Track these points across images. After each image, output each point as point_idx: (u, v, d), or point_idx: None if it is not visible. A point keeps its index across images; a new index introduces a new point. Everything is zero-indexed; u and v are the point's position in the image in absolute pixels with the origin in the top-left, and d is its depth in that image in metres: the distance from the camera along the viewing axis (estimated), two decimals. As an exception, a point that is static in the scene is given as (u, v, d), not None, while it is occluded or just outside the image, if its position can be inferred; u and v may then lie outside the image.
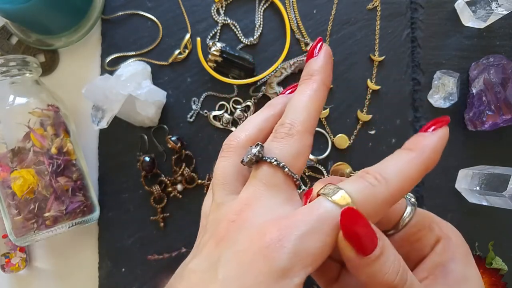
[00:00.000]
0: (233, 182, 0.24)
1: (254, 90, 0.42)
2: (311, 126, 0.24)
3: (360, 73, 0.42)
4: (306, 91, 0.25)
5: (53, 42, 0.42)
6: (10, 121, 0.36)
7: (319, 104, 0.25)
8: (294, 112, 0.24)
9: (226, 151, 0.26)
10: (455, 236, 0.24)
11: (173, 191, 0.41)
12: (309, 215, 0.20)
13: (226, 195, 0.23)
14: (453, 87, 0.40)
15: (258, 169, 0.23)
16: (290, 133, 0.23)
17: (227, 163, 0.25)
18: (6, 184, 0.35)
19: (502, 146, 0.41)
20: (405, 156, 0.22)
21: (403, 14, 0.42)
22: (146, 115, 0.40)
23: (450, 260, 0.23)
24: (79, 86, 0.41)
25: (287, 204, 0.22)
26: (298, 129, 0.23)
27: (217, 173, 0.25)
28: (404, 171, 0.21)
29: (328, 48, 0.27)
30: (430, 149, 0.23)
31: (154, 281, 0.41)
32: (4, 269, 0.41)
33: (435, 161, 0.22)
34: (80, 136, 0.41)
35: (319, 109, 0.25)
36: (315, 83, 0.25)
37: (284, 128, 0.24)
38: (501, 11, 0.38)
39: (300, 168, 0.24)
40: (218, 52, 0.40)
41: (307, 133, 0.24)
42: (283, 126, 0.24)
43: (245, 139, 0.26)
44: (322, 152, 0.42)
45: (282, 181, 0.22)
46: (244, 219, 0.21)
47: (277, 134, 0.24)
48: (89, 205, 0.38)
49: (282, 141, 0.23)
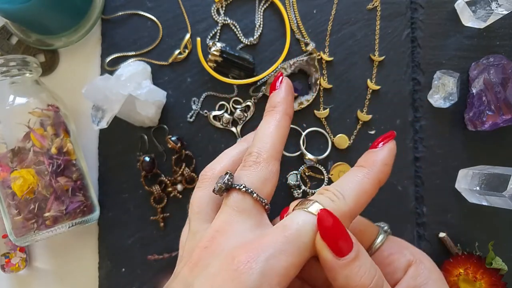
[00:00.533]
0: (208, 211, 0.26)
1: (254, 90, 0.42)
2: (277, 153, 0.26)
3: (360, 73, 0.42)
4: (270, 122, 0.27)
5: (53, 42, 0.42)
6: (10, 121, 0.36)
7: (283, 132, 0.27)
8: (260, 142, 0.26)
9: (201, 181, 0.28)
10: (427, 260, 0.26)
11: (173, 191, 0.41)
12: (277, 237, 0.21)
13: (201, 224, 0.25)
14: (453, 87, 0.40)
15: (229, 196, 0.24)
16: (257, 161, 0.25)
17: (202, 193, 0.27)
18: (6, 184, 0.35)
19: (502, 146, 0.41)
20: (358, 172, 0.24)
21: (403, 14, 0.42)
22: (146, 115, 0.40)
23: (424, 284, 0.24)
24: (79, 86, 0.41)
25: (257, 228, 0.23)
26: (264, 157, 0.25)
27: (192, 203, 0.27)
28: (358, 187, 0.23)
29: (289, 81, 0.30)
30: (380, 163, 0.24)
31: (154, 281, 0.41)
32: (4, 269, 0.41)
33: (386, 173, 0.24)
34: (80, 136, 0.41)
35: (283, 137, 0.27)
36: (278, 114, 0.28)
37: (251, 157, 0.25)
38: (501, 11, 0.38)
39: (268, 193, 0.25)
40: (218, 52, 0.40)
41: (273, 160, 0.26)
42: (251, 155, 0.26)
43: (219, 171, 0.28)
44: (322, 152, 0.42)
45: (252, 206, 0.24)
46: (216, 245, 0.22)
47: (246, 163, 0.26)
48: (89, 205, 0.38)
49: (250, 168, 0.25)
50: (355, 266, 0.21)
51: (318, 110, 0.42)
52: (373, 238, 0.27)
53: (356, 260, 0.21)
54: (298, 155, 0.42)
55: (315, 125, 0.42)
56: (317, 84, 0.42)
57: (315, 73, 0.42)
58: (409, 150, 0.42)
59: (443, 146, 0.42)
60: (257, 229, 0.23)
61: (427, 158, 0.41)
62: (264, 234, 0.21)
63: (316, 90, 0.42)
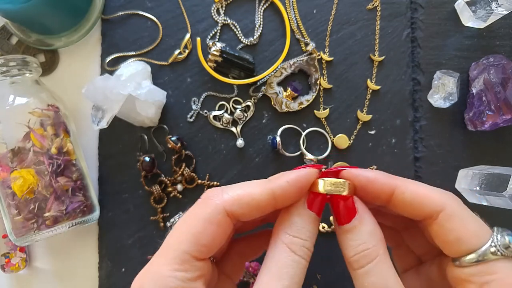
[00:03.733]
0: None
1: (254, 90, 0.42)
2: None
3: (360, 73, 0.42)
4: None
5: (53, 42, 0.42)
6: (10, 121, 0.36)
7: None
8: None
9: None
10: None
11: (173, 191, 0.41)
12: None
13: None
14: (453, 87, 0.40)
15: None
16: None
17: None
18: (6, 184, 0.35)
19: (502, 146, 0.41)
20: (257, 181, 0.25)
21: (403, 14, 0.42)
22: (146, 115, 0.40)
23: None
24: (79, 86, 0.41)
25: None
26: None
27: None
28: (248, 188, 0.24)
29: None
30: (284, 178, 0.24)
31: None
32: (4, 269, 0.41)
33: (285, 190, 0.24)
34: (80, 136, 0.41)
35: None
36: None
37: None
38: (501, 11, 0.38)
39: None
40: (218, 52, 0.40)
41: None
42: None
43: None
44: (322, 152, 0.42)
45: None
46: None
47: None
48: (89, 205, 0.38)
49: None
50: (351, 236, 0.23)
51: (318, 110, 0.42)
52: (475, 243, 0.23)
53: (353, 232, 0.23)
54: (298, 155, 0.42)
55: (315, 125, 0.42)
56: (317, 84, 0.42)
57: (315, 73, 0.42)
58: (409, 150, 0.42)
59: (443, 146, 0.42)
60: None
61: (427, 158, 0.41)
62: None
63: (316, 90, 0.42)
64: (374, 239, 0.22)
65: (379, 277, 0.21)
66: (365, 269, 0.22)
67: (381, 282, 0.21)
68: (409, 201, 0.23)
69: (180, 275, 0.21)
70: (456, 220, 0.22)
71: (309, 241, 0.23)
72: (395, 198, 0.24)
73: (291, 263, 0.22)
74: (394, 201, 0.24)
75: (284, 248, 0.22)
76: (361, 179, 0.24)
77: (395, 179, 0.24)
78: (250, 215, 0.23)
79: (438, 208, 0.23)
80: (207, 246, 0.22)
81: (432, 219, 0.23)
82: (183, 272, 0.21)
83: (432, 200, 0.23)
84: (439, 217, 0.22)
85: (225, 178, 0.42)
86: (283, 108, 0.42)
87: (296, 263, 0.22)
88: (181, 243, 0.22)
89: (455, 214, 0.22)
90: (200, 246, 0.22)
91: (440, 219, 0.22)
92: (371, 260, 0.22)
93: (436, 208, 0.23)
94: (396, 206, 0.24)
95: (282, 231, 0.23)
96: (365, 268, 0.22)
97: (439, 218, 0.22)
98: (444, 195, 0.23)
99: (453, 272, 0.23)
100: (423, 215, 0.23)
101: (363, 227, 0.23)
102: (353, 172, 0.25)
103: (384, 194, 0.24)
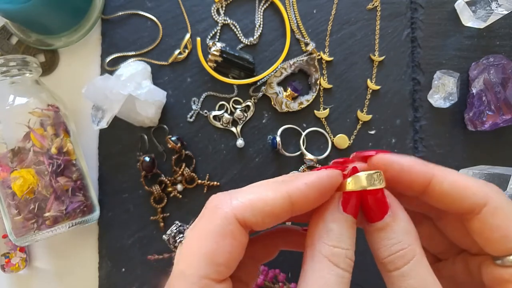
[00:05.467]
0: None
1: (254, 90, 0.42)
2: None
3: (360, 73, 0.42)
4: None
5: (53, 42, 0.42)
6: (10, 121, 0.36)
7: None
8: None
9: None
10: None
11: (173, 191, 0.41)
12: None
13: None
14: (453, 87, 0.40)
15: None
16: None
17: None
18: (6, 184, 0.35)
19: (502, 146, 0.41)
20: (276, 180, 0.23)
21: (403, 14, 0.42)
22: (146, 115, 0.40)
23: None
24: (79, 86, 0.41)
25: None
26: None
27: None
28: (259, 190, 0.21)
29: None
30: (302, 180, 0.22)
31: (154, 281, 0.41)
32: (4, 269, 0.41)
33: (303, 193, 0.21)
34: (80, 136, 0.41)
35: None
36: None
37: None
38: (501, 11, 0.38)
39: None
40: (218, 52, 0.40)
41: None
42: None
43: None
44: (322, 152, 0.42)
45: None
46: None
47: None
48: (89, 205, 0.38)
49: None
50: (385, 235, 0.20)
51: (318, 110, 0.42)
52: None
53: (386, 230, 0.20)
54: (298, 155, 0.42)
55: (315, 125, 0.42)
56: (317, 84, 0.42)
57: (315, 73, 0.42)
58: (409, 150, 0.42)
59: (443, 146, 0.42)
60: None
61: (427, 158, 0.41)
62: None
63: (316, 90, 0.42)
64: (410, 237, 0.20)
65: (417, 279, 0.19)
66: (402, 270, 0.19)
67: (420, 285, 0.19)
68: (449, 193, 0.21)
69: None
70: (501, 215, 0.20)
71: (351, 249, 0.20)
72: (431, 189, 0.21)
73: (336, 278, 0.19)
74: (430, 192, 0.21)
75: (325, 262, 0.19)
76: (395, 166, 0.21)
77: (432, 168, 0.21)
78: (264, 223, 0.20)
79: (481, 201, 0.20)
80: (225, 264, 0.19)
81: (473, 213, 0.21)
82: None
83: (474, 192, 0.20)
84: (482, 212, 0.20)
85: (225, 178, 0.42)
86: (283, 108, 0.42)
87: (341, 278, 0.19)
88: (195, 268, 0.19)
89: (500, 208, 0.20)
90: (217, 266, 0.19)
91: (484, 214, 0.20)
92: (408, 261, 0.19)
93: (479, 201, 0.20)
94: (431, 197, 0.21)
95: (318, 240, 0.20)
96: (401, 270, 0.19)
97: (482, 213, 0.20)
98: (487, 187, 0.21)
99: (494, 271, 0.21)
100: (463, 209, 0.21)
101: (397, 224, 0.20)
102: (387, 158, 0.21)
103: (419, 185, 0.21)
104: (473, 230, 0.21)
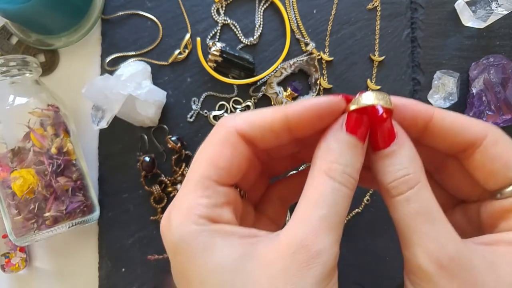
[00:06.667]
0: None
1: (254, 90, 0.42)
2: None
3: (360, 73, 0.42)
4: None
5: (53, 42, 0.42)
6: (10, 121, 0.36)
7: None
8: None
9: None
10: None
11: (173, 191, 0.41)
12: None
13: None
14: (453, 87, 0.40)
15: None
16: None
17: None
18: (6, 184, 0.35)
19: (502, 146, 0.41)
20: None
21: (403, 14, 0.42)
22: (146, 115, 0.40)
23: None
24: (79, 86, 0.41)
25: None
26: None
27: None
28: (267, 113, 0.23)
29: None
30: (303, 103, 0.22)
31: (154, 281, 0.41)
32: (4, 269, 0.41)
33: (300, 114, 0.22)
34: (80, 136, 0.41)
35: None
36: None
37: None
38: (501, 11, 0.38)
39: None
40: (218, 52, 0.40)
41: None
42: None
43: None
44: (322, 152, 0.42)
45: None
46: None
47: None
48: (89, 205, 0.38)
49: None
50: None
51: (318, 110, 0.42)
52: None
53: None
54: (298, 155, 0.42)
55: (315, 125, 0.42)
56: (317, 84, 0.42)
57: (315, 73, 0.42)
58: (409, 150, 0.42)
59: (443, 146, 0.41)
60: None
61: (427, 158, 0.41)
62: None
63: (316, 90, 0.42)
64: (415, 165, 0.20)
65: (421, 203, 0.20)
66: (406, 195, 0.20)
67: (424, 209, 0.19)
68: (449, 128, 0.21)
69: (205, 202, 0.20)
70: (502, 145, 0.21)
71: (351, 167, 0.20)
72: (433, 125, 0.22)
73: (330, 190, 0.19)
74: (432, 128, 0.22)
75: (322, 175, 0.20)
76: (397, 102, 0.22)
77: (432, 107, 0.22)
78: (263, 138, 0.22)
79: (481, 134, 0.21)
80: (225, 168, 0.21)
81: (474, 147, 0.21)
82: (207, 199, 0.20)
83: (474, 127, 0.21)
84: (483, 143, 0.21)
85: (225, 178, 0.42)
86: (283, 108, 0.42)
87: (336, 191, 0.19)
88: (200, 169, 0.21)
89: (500, 139, 0.21)
90: (218, 169, 0.21)
91: (485, 145, 0.21)
92: (412, 186, 0.20)
93: (480, 134, 0.21)
94: (433, 135, 0.22)
95: (319, 158, 0.21)
96: (405, 195, 0.20)
97: (483, 144, 0.21)
98: (485, 123, 0.22)
99: (494, 206, 0.21)
100: (465, 143, 0.21)
101: (403, 151, 0.21)
102: (391, 96, 0.22)
103: (422, 120, 0.22)
104: (474, 166, 0.22)
